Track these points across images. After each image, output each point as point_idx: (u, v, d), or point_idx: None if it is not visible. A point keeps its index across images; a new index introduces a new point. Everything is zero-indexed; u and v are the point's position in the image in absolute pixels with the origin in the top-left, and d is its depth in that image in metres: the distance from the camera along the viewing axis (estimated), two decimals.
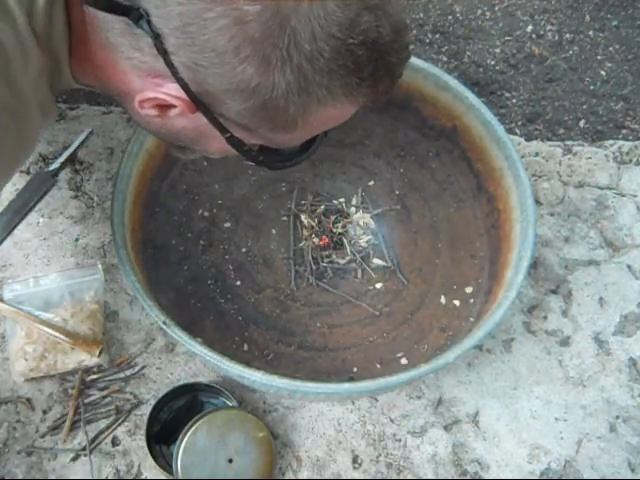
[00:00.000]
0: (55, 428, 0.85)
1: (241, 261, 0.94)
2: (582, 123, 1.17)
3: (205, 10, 0.48)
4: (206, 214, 0.97)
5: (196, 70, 0.51)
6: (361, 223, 0.97)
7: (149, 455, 0.81)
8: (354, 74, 0.52)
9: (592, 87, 1.20)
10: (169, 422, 0.85)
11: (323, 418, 0.88)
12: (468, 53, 1.22)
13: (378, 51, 0.52)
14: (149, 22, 0.50)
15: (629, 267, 1.01)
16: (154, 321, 0.85)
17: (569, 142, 1.12)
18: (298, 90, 0.51)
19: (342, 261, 0.95)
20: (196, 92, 0.53)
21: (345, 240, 0.96)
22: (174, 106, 0.56)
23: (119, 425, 0.86)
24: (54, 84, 0.62)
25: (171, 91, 0.54)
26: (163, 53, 0.51)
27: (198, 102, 0.54)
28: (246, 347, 0.88)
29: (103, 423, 0.86)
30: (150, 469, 0.83)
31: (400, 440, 0.87)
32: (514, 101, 1.19)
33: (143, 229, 0.88)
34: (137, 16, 0.50)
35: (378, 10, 0.51)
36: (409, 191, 1.01)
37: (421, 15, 1.25)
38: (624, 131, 1.16)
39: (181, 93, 0.54)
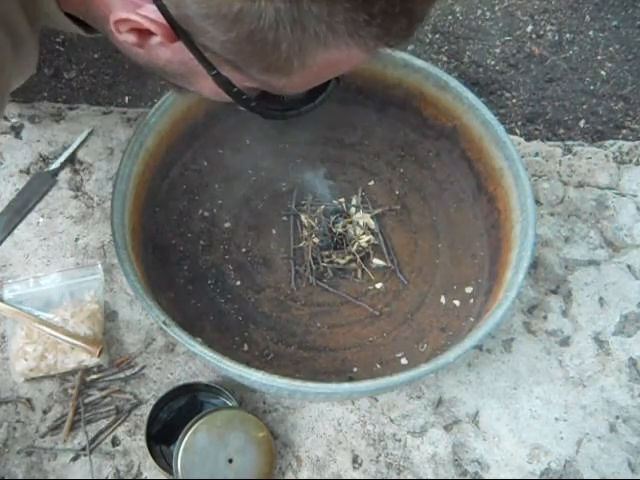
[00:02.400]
0: (55, 428, 0.85)
1: (241, 261, 0.94)
2: (582, 123, 1.17)
3: None
4: (206, 214, 0.97)
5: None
6: (361, 223, 0.97)
7: (149, 455, 0.81)
8: (361, 8, 0.42)
9: (592, 87, 1.20)
10: (169, 422, 0.85)
11: (323, 418, 0.88)
12: (468, 53, 1.22)
13: None
14: None
15: (629, 267, 1.01)
16: (154, 321, 0.85)
17: (569, 142, 1.12)
18: (291, 21, 0.43)
19: (342, 261, 0.95)
20: (175, 16, 0.46)
21: (345, 240, 0.96)
22: (153, 33, 0.49)
23: (119, 425, 0.86)
24: (31, 11, 0.56)
25: (149, 14, 0.48)
26: None
27: (177, 28, 0.47)
28: (246, 347, 0.88)
29: (103, 423, 0.86)
30: (150, 469, 0.83)
31: (400, 440, 0.87)
32: (514, 101, 1.19)
33: (143, 229, 0.88)
34: None
35: None
36: (409, 191, 1.01)
37: None
38: (624, 131, 1.17)
39: (159, 16, 0.47)
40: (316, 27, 0.43)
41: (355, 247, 0.95)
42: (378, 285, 0.94)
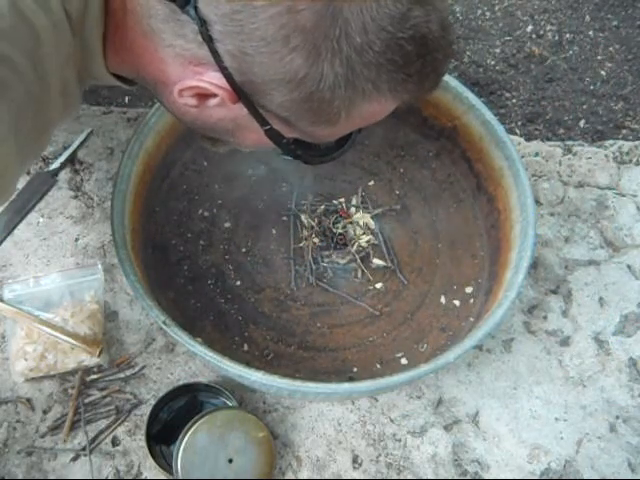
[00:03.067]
0: (55, 428, 0.85)
1: (241, 261, 0.94)
2: (582, 123, 1.17)
3: None
4: (206, 214, 0.97)
5: (242, 59, 0.51)
6: (361, 223, 0.97)
7: (149, 455, 0.81)
8: (401, 69, 0.51)
9: (592, 87, 1.20)
10: (169, 422, 0.85)
11: (323, 418, 0.88)
12: (468, 53, 1.22)
13: (427, 47, 0.51)
14: (196, 8, 0.50)
15: (629, 267, 1.01)
16: (154, 321, 0.85)
17: (569, 142, 1.12)
18: (345, 83, 0.51)
19: (342, 261, 0.95)
20: (239, 82, 0.53)
21: (345, 240, 0.96)
22: (214, 95, 0.55)
23: (119, 425, 0.86)
24: (82, 73, 0.61)
25: (213, 80, 0.53)
26: (208, 40, 0.50)
27: (240, 92, 0.53)
28: (246, 347, 0.88)
29: (103, 423, 0.86)
30: (150, 469, 0.83)
31: (400, 440, 0.87)
32: (514, 101, 1.19)
33: (143, 229, 0.88)
34: (183, 2, 0.50)
35: (428, 5, 0.50)
36: (409, 191, 1.01)
37: None
38: (624, 131, 1.17)
39: (223, 82, 0.53)
40: (364, 85, 0.52)
41: (355, 247, 0.95)
42: (378, 285, 0.94)
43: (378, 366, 0.87)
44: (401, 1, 0.48)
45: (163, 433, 0.84)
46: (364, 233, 0.97)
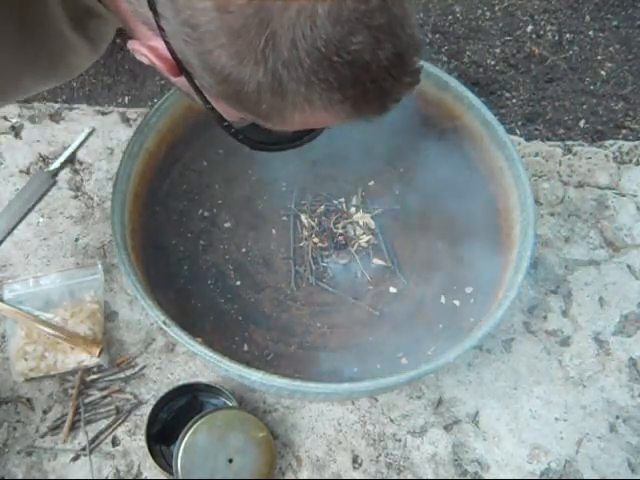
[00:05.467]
0: (55, 428, 0.85)
1: (241, 261, 0.94)
2: (582, 123, 1.17)
3: None
4: (206, 214, 0.97)
5: (180, 38, 0.49)
6: (361, 223, 0.97)
7: (149, 455, 0.81)
8: (337, 91, 0.48)
9: (592, 87, 1.20)
10: (169, 422, 0.85)
11: (323, 418, 0.88)
12: (468, 53, 1.22)
13: (369, 74, 0.48)
14: None
15: (629, 267, 1.01)
16: (154, 321, 0.85)
17: (569, 142, 1.12)
18: (271, 92, 0.49)
19: (342, 261, 0.95)
20: (181, 58, 0.51)
21: (345, 240, 0.96)
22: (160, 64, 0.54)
23: (119, 425, 0.86)
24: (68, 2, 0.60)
25: (159, 49, 0.52)
26: (154, 12, 0.50)
27: (182, 68, 0.52)
28: (246, 347, 0.88)
29: (103, 423, 0.86)
30: (150, 469, 0.83)
31: (400, 440, 0.87)
32: (514, 101, 1.19)
33: (143, 229, 0.88)
34: None
35: (381, 32, 0.47)
36: (409, 191, 1.01)
37: (421, 15, 1.25)
38: (624, 131, 1.17)
39: (167, 53, 0.52)
40: (294, 99, 0.49)
41: (355, 247, 0.95)
42: (378, 285, 0.94)
43: (378, 366, 0.87)
44: (343, 25, 0.45)
45: (163, 433, 0.84)
46: (364, 233, 0.97)
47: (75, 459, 0.84)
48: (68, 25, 0.62)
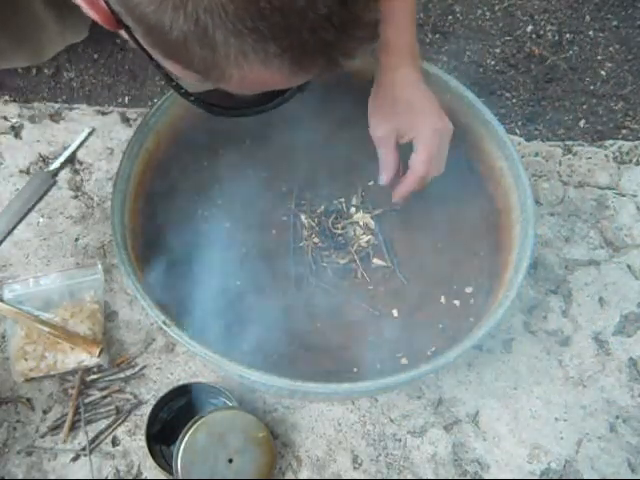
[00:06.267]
0: (55, 428, 0.85)
1: (241, 261, 0.94)
2: (582, 123, 1.17)
3: None
4: (206, 214, 0.97)
5: None
6: (361, 223, 0.97)
7: (149, 455, 0.81)
8: (271, 41, 0.42)
9: (592, 87, 1.20)
10: (169, 422, 0.85)
11: (323, 418, 0.88)
12: (468, 53, 1.22)
13: (305, 22, 0.41)
14: None
15: (629, 267, 1.01)
16: (154, 321, 0.85)
17: (569, 142, 1.12)
18: (199, 42, 0.43)
19: (342, 261, 0.95)
20: (117, 10, 0.47)
21: (345, 240, 0.96)
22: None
23: (119, 425, 0.86)
24: None
25: (98, 1, 0.48)
26: None
27: (119, 20, 0.47)
28: (246, 347, 0.88)
29: (103, 423, 0.86)
30: (150, 469, 0.83)
31: (400, 440, 0.87)
32: (514, 101, 1.19)
33: (143, 229, 0.88)
34: None
35: None
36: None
37: (421, 15, 1.25)
38: (624, 131, 1.17)
39: (104, 5, 0.47)
40: (226, 50, 0.43)
41: (355, 247, 0.95)
42: (378, 285, 0.94)
43: (378, 366, 0.87)
44: None
45: (163, 433, 0.84)
46: (364, 233, 0.97)
47: (75, 459, 0.84)
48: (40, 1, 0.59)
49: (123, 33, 0.50)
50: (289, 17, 0.41)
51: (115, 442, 0.85)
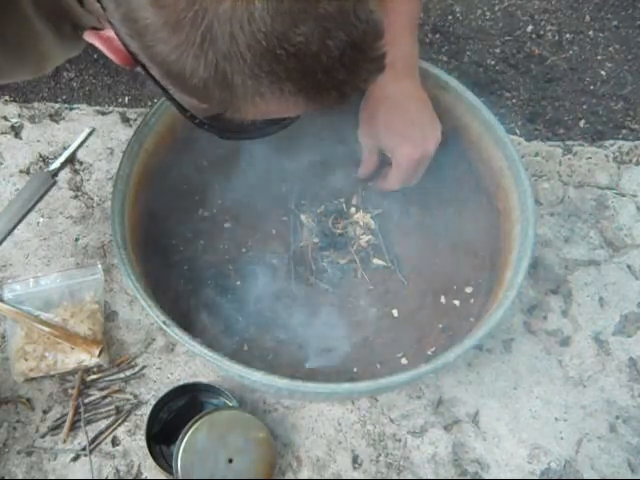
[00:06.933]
0: (55, 428, 0.85)
1: (241, 261, 0.94)
2: (582, 123, 1.17)
3: None
4: (206, 214, 0.97)
5: (124, 32, 0.48)
6: (361, 223, 0.97)
7: (149, 455, 0.81)
8: (288, 82, 0.46)
9: (592, 87, 1.20)
10: (169, 422, 0.85)
11: (323, 418, 0.88)
12: (468, 53, 1.22)
13: (320, 65, 0.45)
14: None
15: (629, 267, 1.01)
16: (154, 321, 0.85)
17: (569, 142, 1.12)
18: (218, 85, 0.46)
19: (342, 261, 0.95)
20: (133, 50, 0.49)
21: (345, 240, 0.96)
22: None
23: (119, 425, 0.86)
24: None
25: (114, 40, 0.51)
26: (101, 5, 0.49)
27: (136, 60, 0.50)
28: (246, 347, 0.88)
29: (103, 423, 0.86)
30: (150, 469, 0.83)
31: (400, 440, 0.87)
32: (514, 101, 1.19)
33: (143, 229, 0.88)
34: None
35: (330, 21, 0.44)
36: (409, 191, 1.00)
37: (421, 15, 1.25)
38: (624, 131, 1.17)
39: (121, 45, 0.50)
40: (243, 91, 0.47)
41: (355, 247, 0.95)
42: (378, 285, 0.94)
43: (378, 366, 0.87)
44: (284, 16, 0.42)
45: (163, 433, 0.84)
46: (364, 233, 0.97)
47: (75, 459, 0.84)
48: (34, 11, 0.60)
49: (139, 69, 0.52)
50: (304, 61, 0.45)
51: (115, 442, 0.85)
